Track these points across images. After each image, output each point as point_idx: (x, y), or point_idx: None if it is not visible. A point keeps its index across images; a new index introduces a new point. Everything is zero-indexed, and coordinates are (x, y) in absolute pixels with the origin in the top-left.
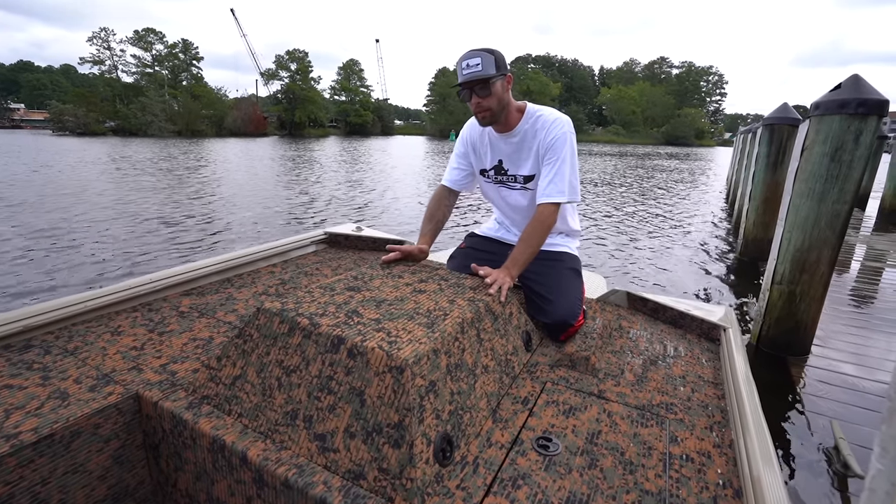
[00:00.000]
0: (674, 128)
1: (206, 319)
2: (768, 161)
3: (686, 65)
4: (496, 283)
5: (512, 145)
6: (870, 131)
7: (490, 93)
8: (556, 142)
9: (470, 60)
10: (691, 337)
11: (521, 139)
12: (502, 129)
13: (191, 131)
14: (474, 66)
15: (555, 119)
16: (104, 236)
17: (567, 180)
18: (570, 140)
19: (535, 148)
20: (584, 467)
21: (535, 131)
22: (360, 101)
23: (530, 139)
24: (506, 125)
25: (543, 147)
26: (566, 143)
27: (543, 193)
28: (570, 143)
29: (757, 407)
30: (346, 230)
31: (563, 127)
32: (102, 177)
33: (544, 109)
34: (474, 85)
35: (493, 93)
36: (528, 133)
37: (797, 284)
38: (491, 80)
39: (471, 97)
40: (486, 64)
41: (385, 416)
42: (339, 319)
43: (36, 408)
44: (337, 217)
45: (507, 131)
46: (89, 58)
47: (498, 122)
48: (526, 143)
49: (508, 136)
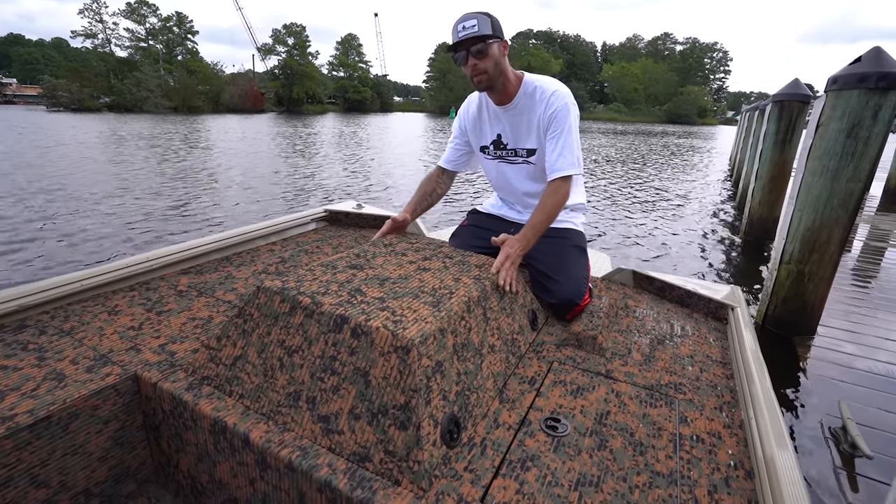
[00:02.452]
0: (676, 106)
1: (205, 298)
2: (776, 139)
3: (690, 41)
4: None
5: (511, 117)
6: (889, 107)
7: (486, 54)
8: (558, 113)
9: (466, 22)
10: (698, 316)
11: (519, 111)
12: (500, 101)
13: (187, 107)
14: (470, 27)
15: (554, 91)
16: (100, 214)
17: (575, 153)
18: (572, 111)
19: (536, 121)
20: (593, 448)
21: (535, 103)
22: (358, 78)
23: (529, 111)
24: (504, 94)
25: (545, 120)
26: (569, 114)
27: (555, 168)
28: (574, 114)
29: (768, 387)
30: (347, 207)
31: (564, 98)
32: (95, 152)
33: (542, 79)
34: (470, 45)
35: (489, 54)
36: (526, 104)
37: (806, 264)
38: (487, 39)
39: (467, 60)
40: (482, 24)
41: (391, 398)
42: (341, 298)
43: (32, 389)
44: (337, 194)
45: (506, 103)
46: (81, 31)
47: (495, 87)
48: (525, 116)
49: (507, 108)
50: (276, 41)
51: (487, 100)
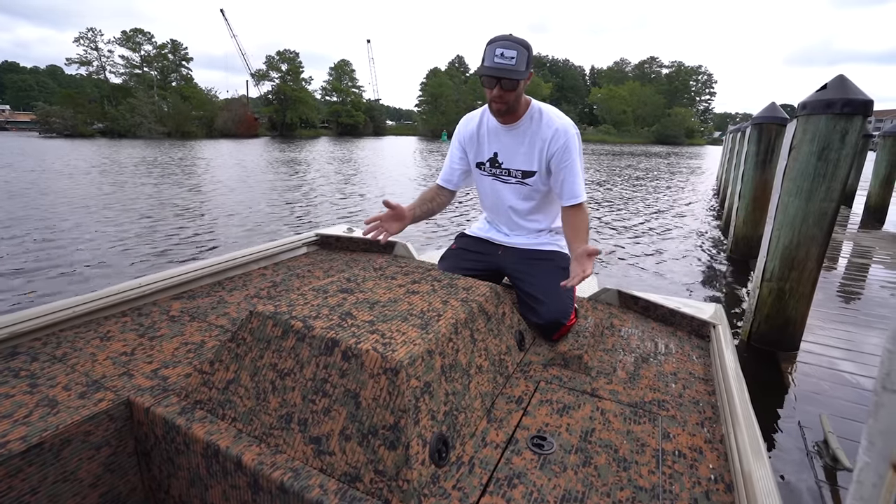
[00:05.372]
0: (664, 127)
1: (198, 323)
2: (757, 160)
3: (675, 64)
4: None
5: (512, 137)
6: (855, 131)
7: (515, 90)
8: (569, 143)
9: (506, 51)
10: (682, 334)
11: (521, 132)
12: (505, 120)
13: (181, 133)
14: (509, 58)
15: (562, 122)
16: (91, 240)
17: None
18: (578, 142)
19: (539, 145)
20: (578, 465)
21: (540, 128)
22: (351, 102)
23: (532, 134)
24: (510, 116)
25: (553, 149)
26: (577, 145)
27: (574, 194)
28: (579, 145)
29: (747, 402)
30: (337, 231)
31: (571, 129)
32: (87, 179)
33: (548, 107)
34: (503, 76)
35: (517, 90)
36: (529, 128)
37: (786, 281)
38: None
39: (494, 86)
40: (520, 60)
41: (380, 418)
42: (332, 322)
43: (24, 416)
44: (328, 219)
45: (510, 122)
46: (76, 58)
47: (509, 114)
48: (527, 137)
49: (510, 127)
50: (269, 67)
51: (488, 117)
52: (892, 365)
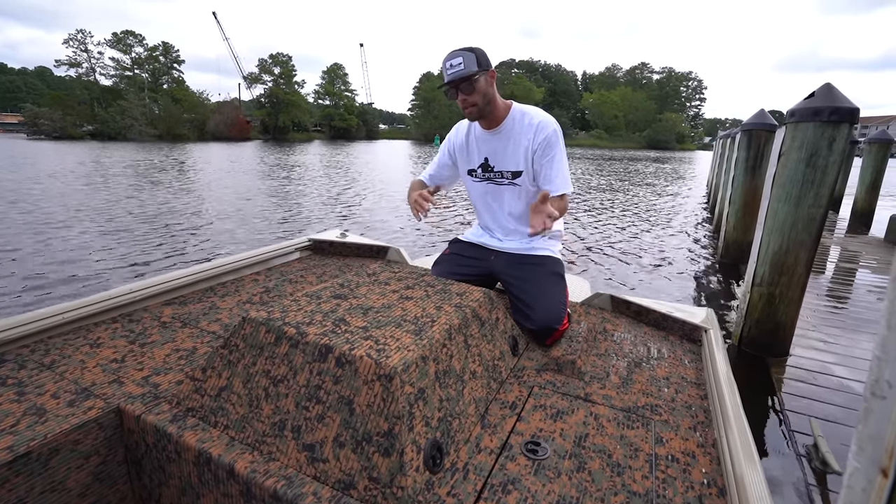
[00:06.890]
0: (655, 132)
1: (189, 329)
2: (747, 166)
3: (666, 70)
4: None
5: (497, 141)
6: (842, 138)
7: (474, 89)
8: (548, 140)
9: (452, 61)
10: (674, 339)
11: (506, 135)
12: (488, 126)
13: (172, 135)
14: (457, 65)
15: (542, 119)
16: (80, 245)
17: (566, 173)
18: (560, 137)
19: (524, 145)
20: (572, 470)
21: (523, 128)
22: (344, 106)
23: (517, 135)
24: (492, 120)
25: (535, 145)
26: (559, 139)
27: (556, 186)
28: (561, 140)
29: (738, 406)
30: (331, 237)
31: (552, 125)
32: (77, 183)
33: (529, 108)
34: (458, 83)
35: (476, 89)
36: (513, 129)
37: (776, 286)
38: (473, 77)
39: (457, 95)
40: (467, 62)
41: (374, 425)
42: (326, 328)
43: (11, 425)
44: (321, 223)
45: (493, 127)
46: (65, 60)
47: (485, 116)
48: (512, 139)
49: (494, 132)
50: (262, 70)
51: (475, 126)
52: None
